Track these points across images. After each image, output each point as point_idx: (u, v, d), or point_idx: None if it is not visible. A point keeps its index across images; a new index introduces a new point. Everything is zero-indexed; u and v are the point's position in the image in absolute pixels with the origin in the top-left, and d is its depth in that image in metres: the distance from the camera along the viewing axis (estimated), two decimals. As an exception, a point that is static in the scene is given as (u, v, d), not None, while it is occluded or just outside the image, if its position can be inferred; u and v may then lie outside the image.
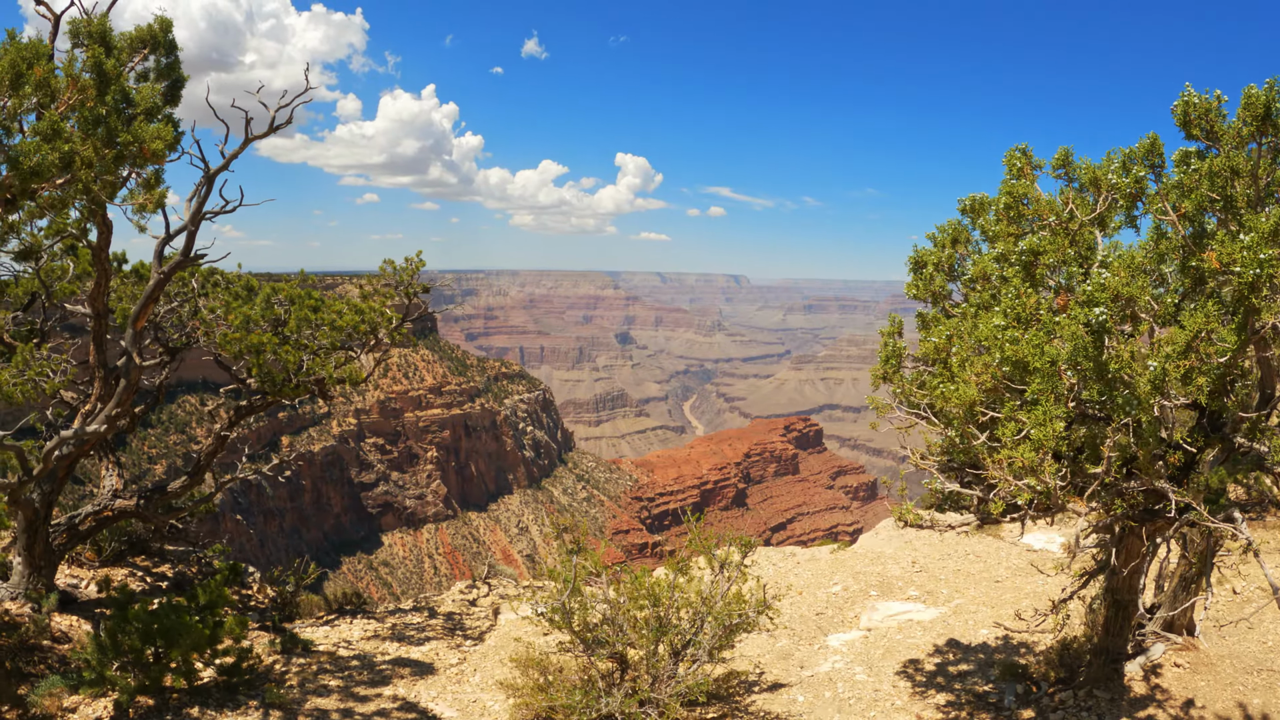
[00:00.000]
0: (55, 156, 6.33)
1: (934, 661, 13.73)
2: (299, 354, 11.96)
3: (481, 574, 18.90)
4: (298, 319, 12.02)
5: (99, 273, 11.71)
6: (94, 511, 14.35)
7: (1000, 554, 21.02)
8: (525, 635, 14.82)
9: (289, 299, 12.53)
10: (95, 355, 12.77)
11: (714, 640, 10.75)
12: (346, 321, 12.20)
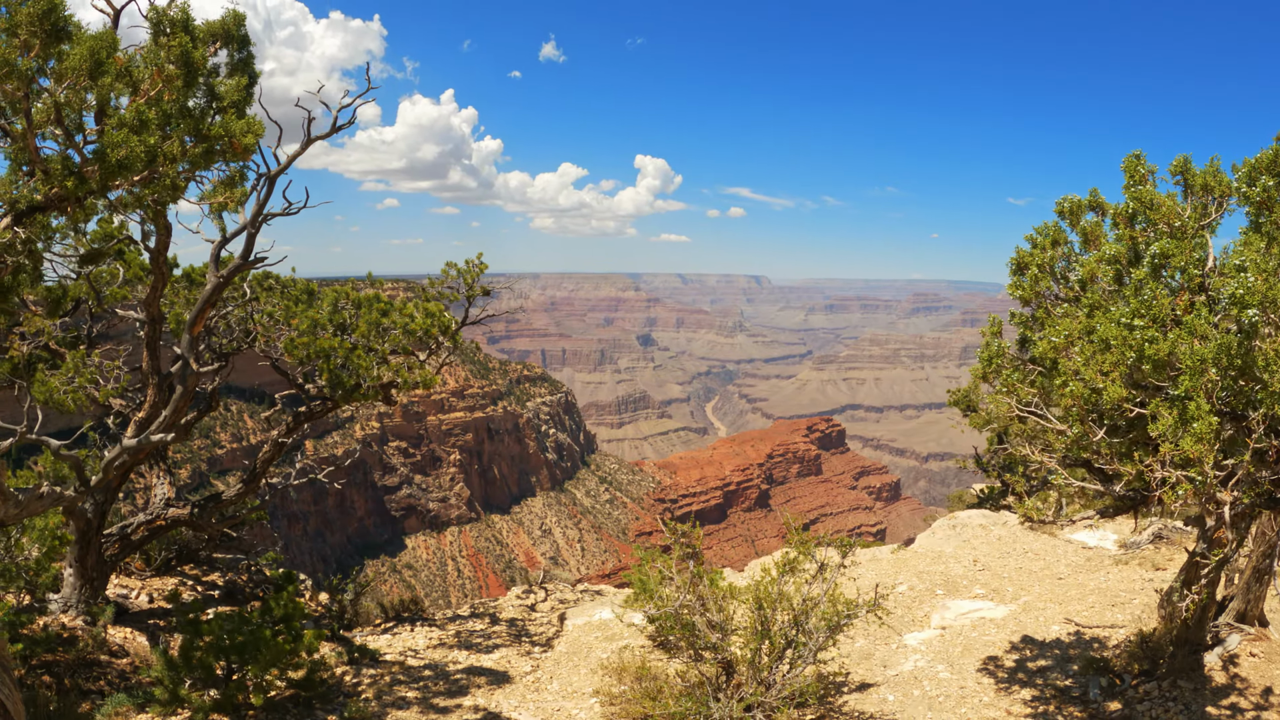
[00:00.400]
0: (142, 150, 5.93)
1: (1012, 658, 13.84)
2: (370, 358, 11.57)
3: (536, 579, 18.53)
4: (368, 323, 11.62)
5: (156, 276, 11.38)
6: (146, 521, 14.05)
7: (1057, 552, 21.14)
8: (595, 641, 14.48)
9: (355, 303, 12.14)
10: (148, 361, 12.45)
11: (818, 641, 10.39)
12: (419, 325, 11.80)
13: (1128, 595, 16.59)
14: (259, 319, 12.90)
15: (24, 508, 6.61)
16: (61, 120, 6.15)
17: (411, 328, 11.81)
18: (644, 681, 10.40)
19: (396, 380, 11.64)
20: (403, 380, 11.57)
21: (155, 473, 14.82)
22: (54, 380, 12.45)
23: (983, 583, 18.70)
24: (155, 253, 11.02)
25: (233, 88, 7.48)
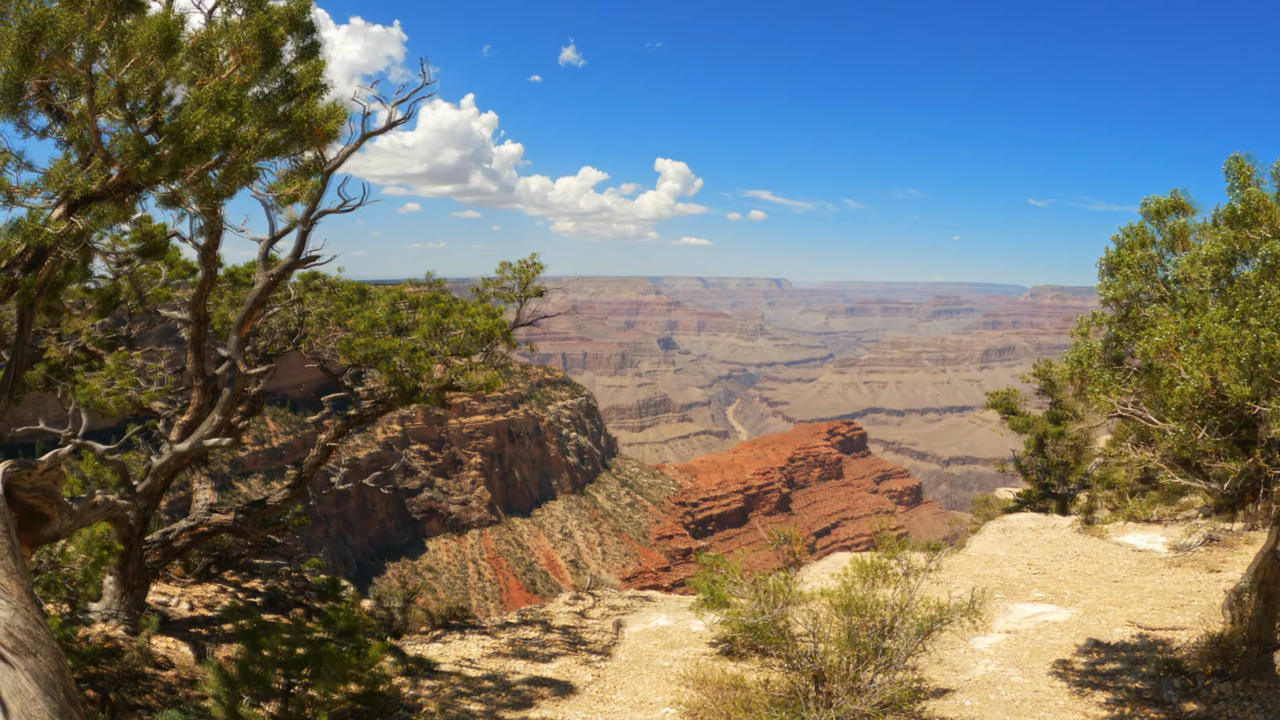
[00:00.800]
0: (220, 133, 5.46)
1: (1081, 661, 13.79)
2: (431, 360, 11.10)
3: (583, 584, 18.05)
4: (430, 323, 11.16)
5: (204, 275, 10.97)
6: (189, 527, 13.65)
7: (1109, 554, 21.02)
8: (656, 649, 14.00)
9: (415, 303, 11.68)
10: (193, 363, 12.05)
11: (909, 647, 9.90)
12: (482, 326, 11.32)
13: (1186, 597, 16.43)
14: (309, 320, 12.47)
15: (79, 519, 6.18)
16: (124, 102, 5.70)
17: (476, 328, 11.31)
18: (732, 692, 9.91)
19: (459, 382, 11.15)
20: (467, 382, 11.07)
21: (197, 477, 14.44)
22: (94, 382, 12.08)
23: (1040, 586, 18.58)
24: (205, 250, 10.61)
25: (309, 71, 6.99)
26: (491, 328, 11.44)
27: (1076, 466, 37.31)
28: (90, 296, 12.82)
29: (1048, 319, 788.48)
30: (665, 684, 12.60)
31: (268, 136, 6.45)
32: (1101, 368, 10.90)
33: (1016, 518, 26.14)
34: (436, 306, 11.57)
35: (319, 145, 7.17)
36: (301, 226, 10.94)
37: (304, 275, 13.74)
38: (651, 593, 19.35)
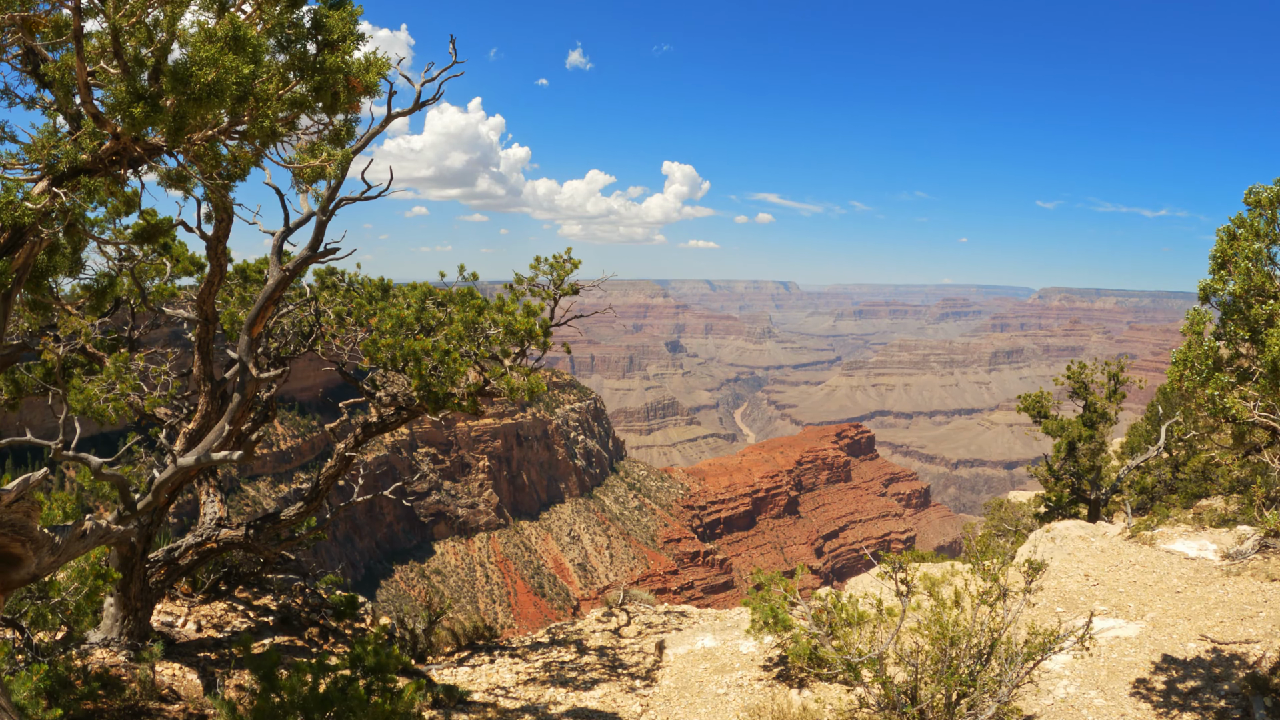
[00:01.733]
0: (234, 78, 4.40)
1: (1159, 680, 13.35)
2: (466, 363, 10.00)
3: (616, 600, 16.95)
4: (464, 322, 10.05)
5: (212, 269, 9.90)
6: (196, 543, 12.61)
7: (1163, 563, 20.36)
8: (705, 674, 12.88)
9: (447, 299, 10.58)
10: (200, 366, 11.01)
11: (1014, 676, 8.83)
12: (522, 325, 10.22)
13: (1254, 608, 15.71)
14: (326, 319, 11.38)
15: (63, 553, 5.15)
16: (120, 52, 4.66)
17: (516, 327, 10.21)
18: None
19: (497, 387, 10.08)
20: (508, 387, 9.99)
21: (205, 489, 13.40)
22: (92, 387, 11.06)
23: (1101, 598, 17.88)
24: (213, 241, 9.54)
25: (342, 18, 5.86)
26: (532, 326, 10.34)
27: (1104, 470, 36.31)
28: (86, 293, 11.72)
29: (1056, 321, 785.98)
30: (723, 717, 11.49)
31: (295, 90, 5.37)
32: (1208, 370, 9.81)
33: (1064, 526, 25.05)
34: (471, 304, 10.47)
35: (352, 103, 6.07)
36: (320, 216, 9.86)
37: (319, 271, 12.70)
38: (686, 607, 18.25)
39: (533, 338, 10.41)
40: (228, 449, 10.32)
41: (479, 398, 10.34)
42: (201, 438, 11.30)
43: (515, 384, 10.03)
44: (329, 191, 10.10)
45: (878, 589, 18.69)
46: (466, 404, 10.21)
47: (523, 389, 10.07)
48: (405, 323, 10.19)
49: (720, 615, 18.13)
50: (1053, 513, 39.70)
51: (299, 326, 13.31)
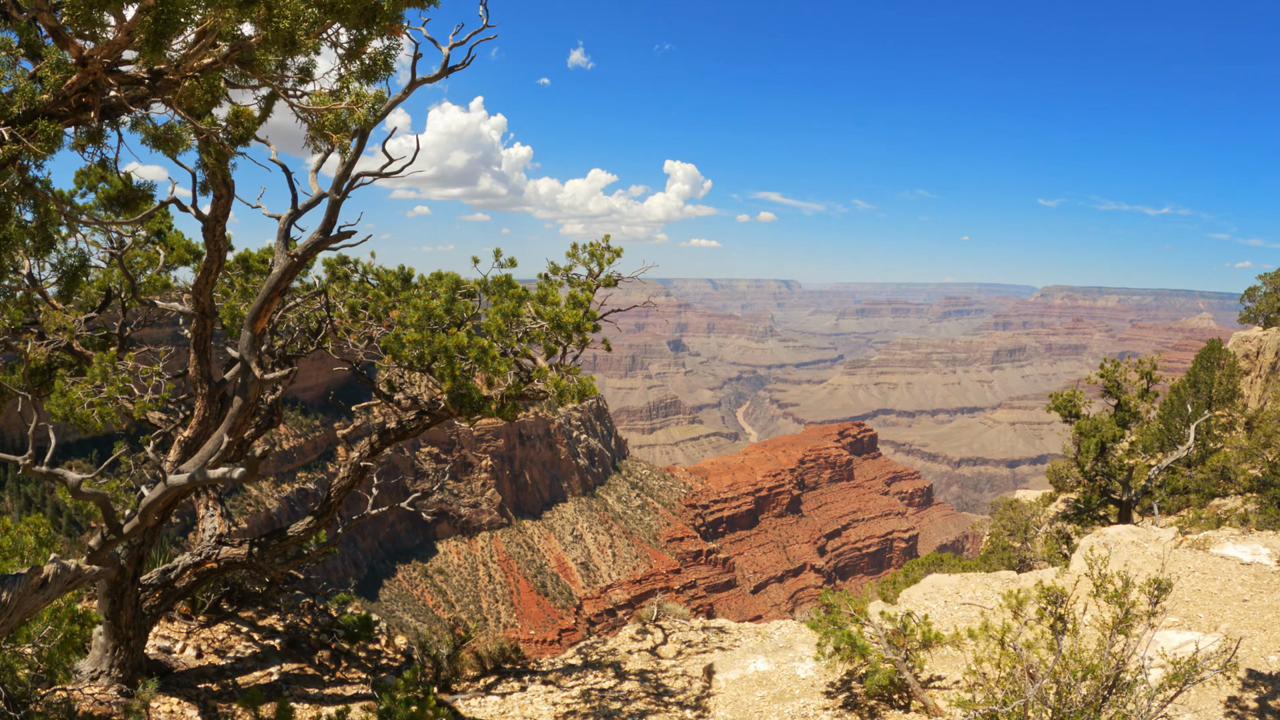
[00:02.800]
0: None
1: (1250, 698, 12.61)
2: (506, 361, 8.66)
3: (649, 615, 15.64)
4: (502, 314, 8.72)
5: (210, 254, 8.60)
6: (194, 563, 11.31)
7: (1222, 570, 19.54)
8: (763, 703, 11.56)
9: (470, 291, 9.25)
10: (196, 366, 9.73)
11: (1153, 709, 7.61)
12: (571, 319, 8.89)
13: None
14: (338, 313, 10.07)
15: (16, 610, 3.87)
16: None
17: (564, 320, 8.88)
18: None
19: (543, 389, 8.75)
20: (556, 389, 8.67)
21: (203, 501, 12.10)
22: (76, 390, 9.79)
23: (1169, 609, 16.75)
24: (210, 221, 8.23)
25: None
26: (579, 319, 9.00)
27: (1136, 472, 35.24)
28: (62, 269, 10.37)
29: (1058, 319, 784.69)
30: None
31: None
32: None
33: (1115, 531, 23.84)
34: (510, 293, 9.14)
35: (394, 24, 4.74)
36: (333, 195, 8.58)
37: (329, 261, 11.39)
38: (725, 622, 16.95)
39: (580, 332, 9.09)
40: (227, 461, 9.05)
41: (518, 400, 9.03)
42: (198, 446, 10.04)
43: (563, 385, 8.69)
44: (343, 170, 8.82)
45: (933, 603, 17.47)
46: (507, 409, 8.89)
47: (571, 391, 8.74)
48: (434, 315, 8.85)
49: (761, 631, 16.85)
50: (1081, 515, 38.58)
51: (306, 322, 12.04)
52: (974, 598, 17.71)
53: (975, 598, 17.69)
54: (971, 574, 19.69)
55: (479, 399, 8.73)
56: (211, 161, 6.76)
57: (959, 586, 18.47)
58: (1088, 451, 36.61)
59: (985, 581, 18.77)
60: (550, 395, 8.72)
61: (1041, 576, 19.31)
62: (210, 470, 6.99)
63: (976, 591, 18.03)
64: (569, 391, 8.65)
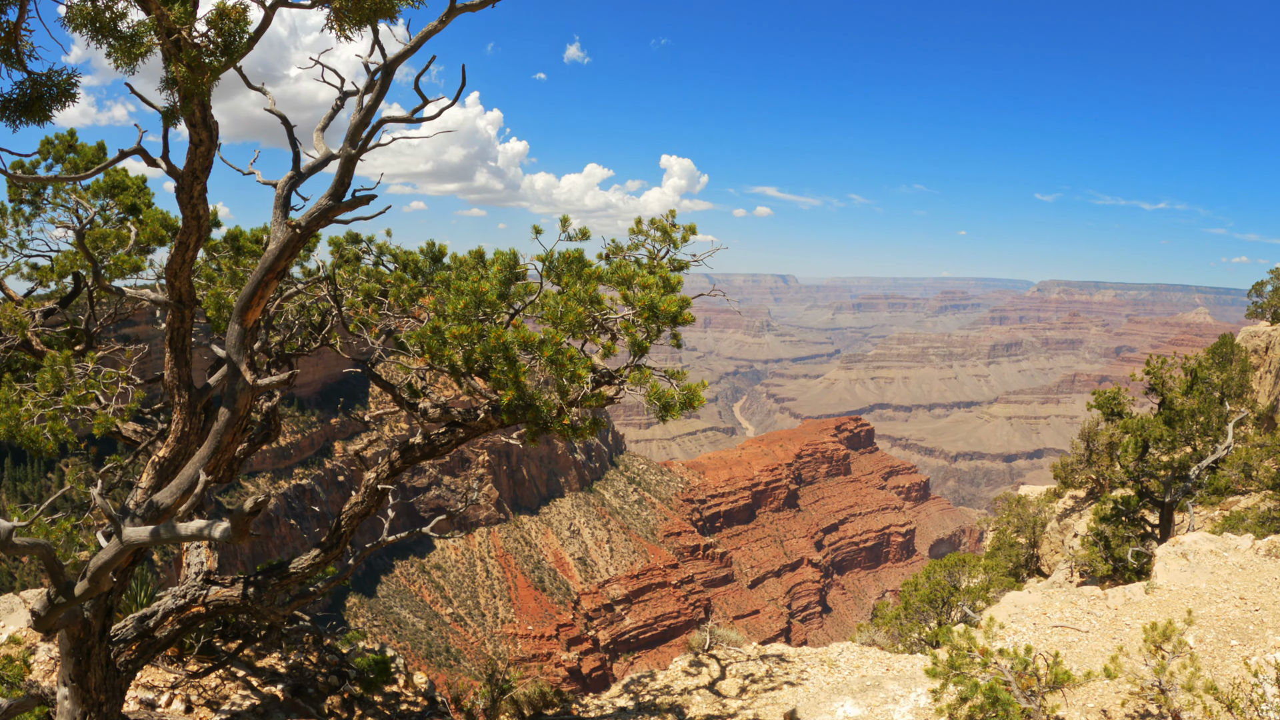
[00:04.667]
0: None
1: None
2: (585, 362, 6.53)
3: (701, 643, 13.67)
4: (579, 299, 6.60)
5: (186, 224, 6.53)
6: (177, 608, 9.28)
7: None
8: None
9: (546, 265, 7.13)
10: (172, 368, 7.70)
11: None
12: (669, 306, 6.76)
13: None
14: (349, 301, 8.01)
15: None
16: None
17: (662, 308, 6.76)
18: None
19: (646, 398, 6.63)
20: (657, 398, 6.55)
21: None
22: (28, 399, 7.74)
23: (1271, 625, 15.64)
24: (186, 177, 6.17)
25: None
26: (678, 308, 6.88)
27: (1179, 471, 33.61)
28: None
29: (1055, 314, 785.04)
30: None
31: None
32: None
33: (1191, 540, 22.01)
34: (586, 272, 6.98)
35: None
36: (347, 149, 6.54)
37: (336, 240, 9.32)
38: (782, 648, 15.02)
39: (677, 323, 6.97)
40: (203, 497, 7.02)
41: (603, 404, 6.90)
42: (176, 469, 8.02)
43: (668, 393, 6.57)
44: (359, 119, 6.77)
45: (1021, 626, 15.60)
46: (583, 426, 6.79)
47: (677, 401, 6.62)
48: (485, 302, 6.71)
49: (826, 659, 14.91)
50: (1119, 516, 36.76)
51: (308, 313, 10.03)
52: (1064, 619, 15.85)
53: (1066, 619, 15.84)
54: (1054, 591, 17.87)
55: (548, 413, 6.59)
56: (183, 75, 4.71)
57: (1043, 606, 16.62)
58: (1127, 450, 34.84)
59: (1070, 599, 16.91)
60: (651, 405, 6.61)
61: (1129, 593, 17.46)
62: (181, 525, 5.01)
63: (1064, 612, 16.17)
64: (674, 404, 6.55)
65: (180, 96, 4.91)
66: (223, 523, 5.28)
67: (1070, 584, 40.24)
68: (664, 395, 6.54)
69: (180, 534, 5.25)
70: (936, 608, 30.43)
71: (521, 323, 6.46)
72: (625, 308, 6.84)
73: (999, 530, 53.43)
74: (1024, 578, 47.45)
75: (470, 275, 7.19)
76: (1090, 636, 15.18)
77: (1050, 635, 15.19)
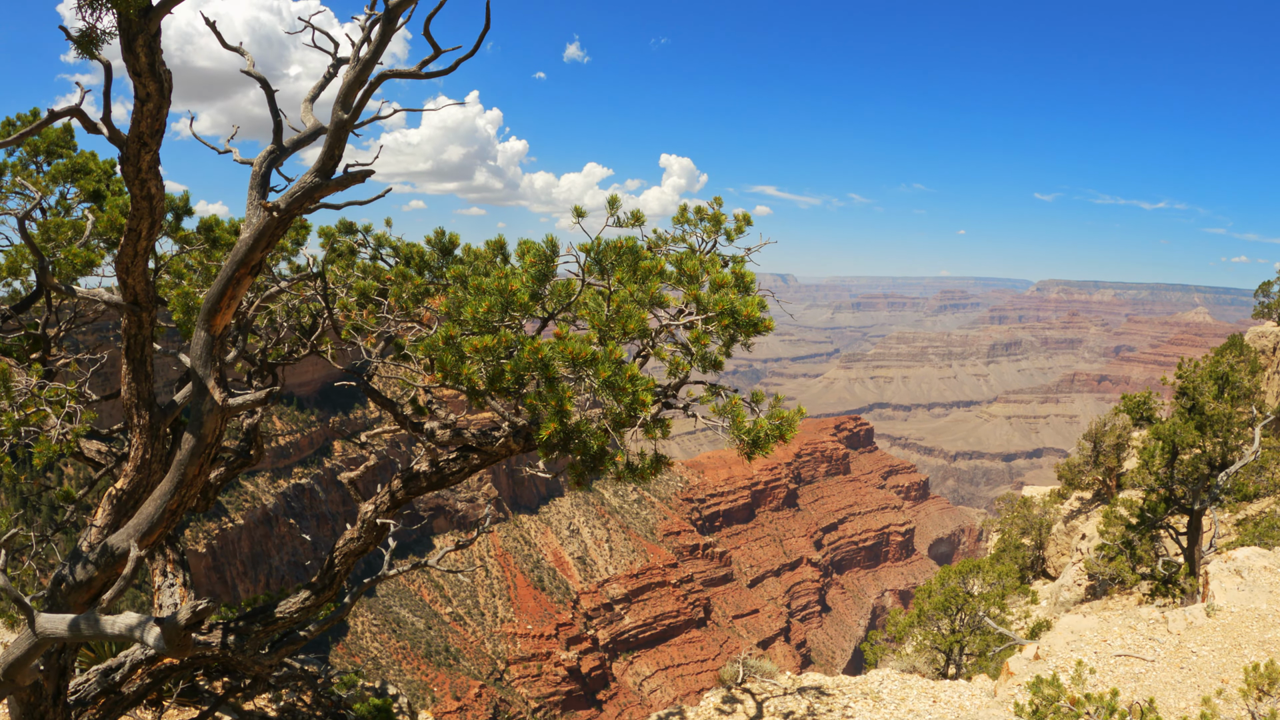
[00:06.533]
0: None
1: None
2: (648, 383, 5.03)
3: (733, 676, 12.33)
4: (637, 301, 5.12)
5: (136, 204, 5.15)
6: (147, 659, 7.93)
7: None
8: None
9: (593, 256, 5.66)
10: (130, 384, 6.33)
11: None
12: (749, 312, 5.27)
13: None
14: (341, 302, 6.65)
15: None
16: None
17: (744, 313, 5.28)
18: None
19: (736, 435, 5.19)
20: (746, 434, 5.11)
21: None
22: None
23: None
24: (132, 143, 4.80)
25: None
26: (756, 313, 5.40)
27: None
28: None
29: (1054, 313, 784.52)
30: None
31: None
32: None
33: (1244, 555, 20.70)
34: (645, 266, 5.47)
35: None
36: (338, 114, 5.18)
37: (328, 230, 7.94)
38: (819, 679, 13.72)
39: (758, 331, 5.53)
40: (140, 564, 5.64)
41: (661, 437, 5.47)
42: (136, 502, 6.68)
43: (759, 427, 5.13)
44: (354, 74, 5.41)
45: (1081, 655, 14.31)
46: (643, 464, 5.38)
47: (769, 435, 5.17)
48: (515, 304, 5.20)
49: (869, 692, 13.59)
50: (1144, 523, 35.51)
51: (297, 315, 8.67)
52: (1125, 646, 14.57)
53: (1128, 646, 14.55)
54: (1110, 615, 16.61)
55: (599, 450, 5.13)
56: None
57: (1102, 632, 15.33)
58: (1154, 455, 33.61)
59: (1129, 624, 15.61)
60: (736, 439, 5.17)
61: (1190, 616, 16.18)
62: (107, 620, 3.69)
63: (1125, 638, 14.88)
64: (764, 438, 5.12)
65: (118, 26, 3.54)
66: (171, 622, 3.96)
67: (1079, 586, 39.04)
68: (753, 429, 5.12)
69: (105, 631, 3.95)
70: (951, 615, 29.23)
71: (566, 330, 5.10)
72: (692, 311, 5.45)
73: (1004, 532, 52.21)
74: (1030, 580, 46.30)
75: (492, 271, 5.75)
76: (1157, 667, 13.88)
77: (1116, 666, 13.89)
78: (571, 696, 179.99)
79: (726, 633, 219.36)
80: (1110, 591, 37.49)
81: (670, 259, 5.90)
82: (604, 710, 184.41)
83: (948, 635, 27.86)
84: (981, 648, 26.60)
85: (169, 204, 8.21)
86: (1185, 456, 32.95)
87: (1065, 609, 37.19)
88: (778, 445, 5.20)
